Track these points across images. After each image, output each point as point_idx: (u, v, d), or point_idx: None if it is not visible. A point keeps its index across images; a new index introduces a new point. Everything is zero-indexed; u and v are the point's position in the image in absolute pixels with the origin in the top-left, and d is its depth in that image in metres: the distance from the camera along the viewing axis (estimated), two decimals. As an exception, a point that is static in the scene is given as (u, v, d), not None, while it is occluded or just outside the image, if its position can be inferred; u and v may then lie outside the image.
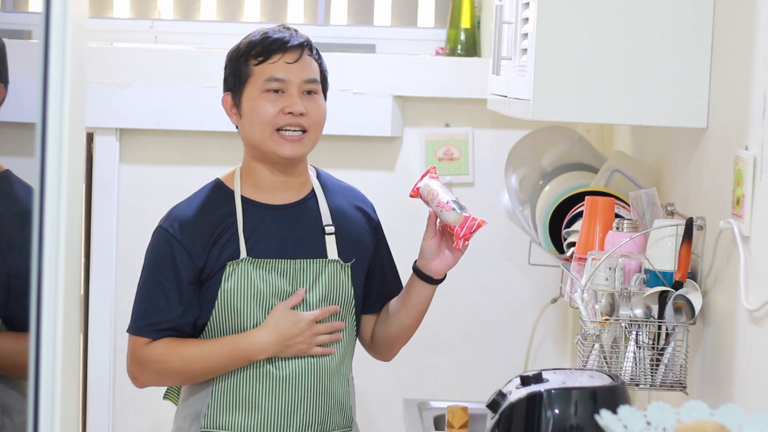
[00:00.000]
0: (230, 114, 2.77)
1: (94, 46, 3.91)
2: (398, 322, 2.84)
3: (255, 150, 2.74)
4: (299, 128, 2.70)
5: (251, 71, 2.72)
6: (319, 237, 2.77)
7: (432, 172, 2.76)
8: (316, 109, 2.73)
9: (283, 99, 2.71)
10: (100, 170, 3.96)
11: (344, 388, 2.80)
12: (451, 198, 2.72)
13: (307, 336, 2.69)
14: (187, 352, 2.70)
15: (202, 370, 2.71)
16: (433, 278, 2.78)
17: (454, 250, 2.75)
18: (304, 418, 2.73)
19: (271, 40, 2.72)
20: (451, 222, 2.70)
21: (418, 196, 2.75)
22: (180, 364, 2.71)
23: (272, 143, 2.70)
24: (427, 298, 2.80)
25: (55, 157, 1.78)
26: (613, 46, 2.69)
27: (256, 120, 2.71)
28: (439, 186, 2.74)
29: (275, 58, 2.71)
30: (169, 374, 2.74)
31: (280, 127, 2.70)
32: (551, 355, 4.02)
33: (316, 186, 2.82)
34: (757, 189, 2.33)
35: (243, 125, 2.75)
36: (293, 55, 2.72)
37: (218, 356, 2.70)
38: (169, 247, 2.71)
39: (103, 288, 3.97)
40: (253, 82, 2.72)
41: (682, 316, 2.58)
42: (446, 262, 2.77)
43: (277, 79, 2.70)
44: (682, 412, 2.03)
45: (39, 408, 1.78)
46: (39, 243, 1.77)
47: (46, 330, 1.78)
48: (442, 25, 4.12)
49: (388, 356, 2.93)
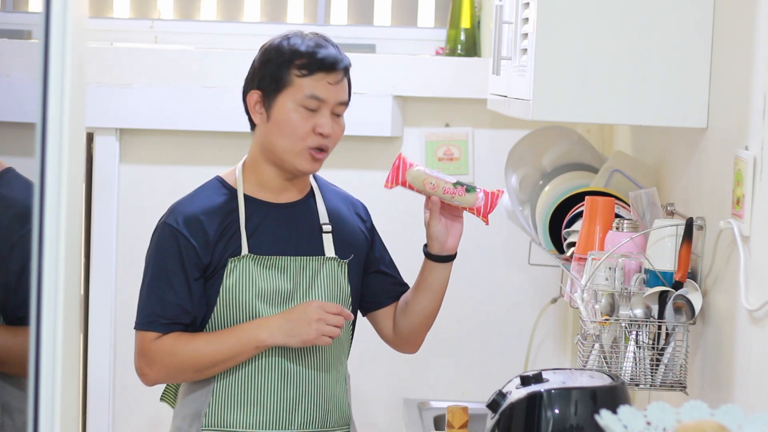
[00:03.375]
0: (253, 112, 2.75)
1: (94, 46, 3.91)
2: (421, 310, 2.85)
3: (272, 155, 2.74)
4: (322, 148, 2.72)
5: (292, 81, 2.70)
6: (317, 235, 2.79)
7: (406, 159, 2.73)
8: (339, 131, 2.76)
9: (316, 117, 2.70)
10: (100, 170, 3.96)
11: (342, 385, 2.82)
12: (451, 180, 2.72)
13: (315, 323, 2.66)
14: (196, 343, 2.69)
15: (212, 360, 2.69)
16: (452, 255, 2.80)
17: (457, 220, 2.77)
18: (306, 416, 2.74)
19: (320, 57, 2.70)
20: (469, 204, 2.71)
21: (403, 186, 2.73)
22: (190, 355, 2.69)
23: (296, 158, 2.71)
24: (448, 277, 2.83)
25: (55, 157, 1.78)
26: (613, 46, 2.69)
27: (287, 132, 2.70)
28: (431, 171, 2.73)
29: (319, 76, 2.70)
30: (180, 368, 2.71)
31: (312, 147, 2.71)
32: (551, 355, 4.02)
33: (314, 186, 2.85)
34: (757, 189, 2.33)
35: (268, 129, 2.73)
36: (336, 76, 2.71)
37: (226, 343, 2.68)
38: (175, 241, 2.71)
39: (103, 288, 3.97)
40: (292, 93, 2.70)
41: (682, 316, 2.58)
42: (457, 234, 2.79)
43: (317, 98, 2.69)
44: (682, 412, 2.03)
45: (39, 407, 1.78)
46: (39, 243, 1.77)
47: (46, 329, 1.78)
48: (442, 25, 4.12)
49: (414, 347, 2.94)
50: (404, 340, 2.92)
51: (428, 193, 2.72)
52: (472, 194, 2.71)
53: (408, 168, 2.72)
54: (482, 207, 2.70)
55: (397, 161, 2.73)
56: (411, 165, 2.73)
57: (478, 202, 2.70)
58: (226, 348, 2.69)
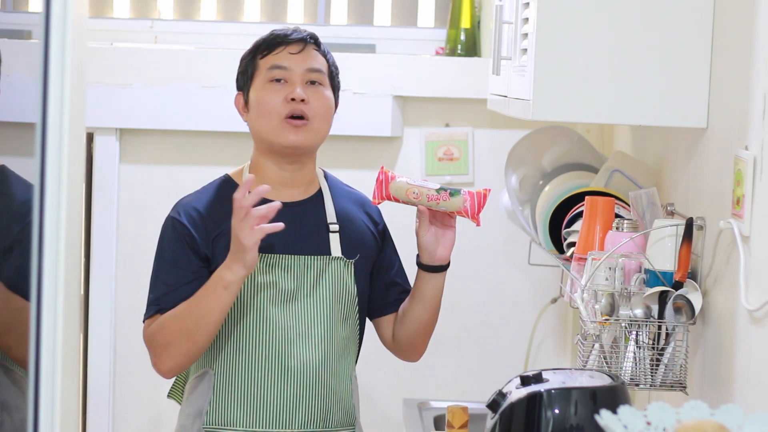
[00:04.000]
0: (242, 113, 2.82)
1: (94, 46, 3.91)
2: (416, 319, 2.84)
3: (263, 143, 2.77)
4: (300, 115, 2.73)
5: (257, 65, 2.79)
6: (323, 235, 2.79)
7: (388, 172, 2.72)
8: (320, 99, 2.77)
9: (286, 87, 2.75)
10: (100, 170, 3.96)
11: (347, 386, 2.80)
12: (434, 186, 2.70)
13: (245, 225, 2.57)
14: (176, 309, 2.68)
15: (194, 318, 2.65)
16: (444, 265, 2.79)
17: (448, 228, 2.75)
18: (306, 415, 2.74)
19: (275, 35, 2.80)
20: (456, 208, 2.69)
21: (389, 200, 2.71)
22: (175, 322, 2.67)
23: (278, 133, 2.73)
24: (441, 287, 2.82)
25: (55, 157, 1.78)
26: (613, 46, 2.69)
27: (262, 110, 2.75)
28: (413, 181, 2.71)
29: (279, 50, 2.78)
30: (172, 340, 2.67)
31: (287, 115, 2.73)
32: (551, 355, 4.02)
33: (323, 186, 2.85)
34: (757, 189, 2.33)
35: (251, 119, 2.79)
36: (296, 46, 2.78)
37: (200, 295, 2.65)
38: (180, 232, 2.73)
39: (103, 288, 3.97)
40: (259, 75, 2.78)
41: (682, 316, 2.58)
42: (448, 244, 2.77)
43: (279, 66, 2.76)
44: (682, 412, 2.03)
45: (39, 407, 1.78)
46: (39, 243, 1.77)
47: (46, 330, 1.78)
48: (442, 25, 4.12)
49: (414, 355, 2.93)
50: (403, 347, 2.91)
51: (414, 203, 2.70)
52: (457, 197, 2.69)
53: (390, 181, 2.70)
54: (469, 208, 2.68)
55: (380, 176, 2.71)
56: (393, 177, 2.71)
57: (464, 204, 2.68)
58: (199, 297, 2.65)
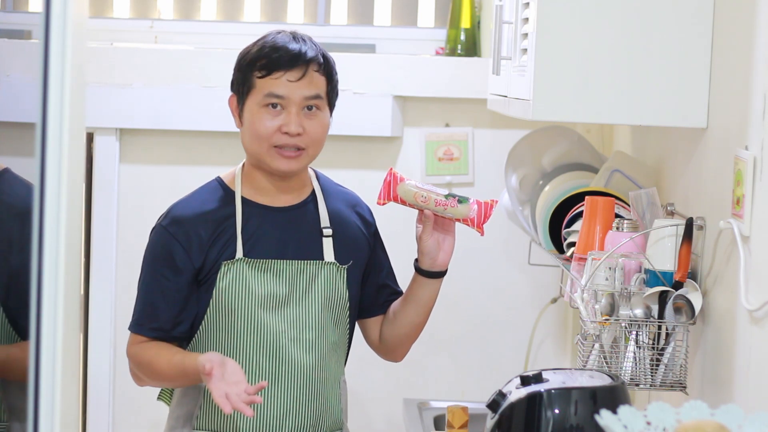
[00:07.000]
0: (234, 116, 2.77)
1: (94, 46, 3.91)
2: (409, 322, 2.84)
3: (253, 158, 2.75)
4: (295, 147, 2.69)
5: (254, 83, 2.70)
6: (316, 239, 2.77)
7: (396, 173, 2.72)
8: (315, 128, 2.70)
9: (282, 116, 2.68)
10: (100, 170, 3.96)
11: (335, 390, 2.79)
12: (443, 192, 2.70)
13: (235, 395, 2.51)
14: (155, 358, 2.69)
15: (170, 380, 2.71)
16: (443, 271, 2.78)
17: (449, 234, 2.75)
18: (296, 420, 2.72)
19: (277, 55, 2.69)
20: (463, 215, 2.68)
21: (395, 201, 2.71)
22: (149, 369, 2.71)
23: (269, 158, 2.69)
24: (436, 292, 2.81)
25: (55, 157, 1.78)
26: (613, 46, 2.69)
27: (254, 134, 2.70)
28: (422, 185, 2.71)
29: (277, 75, 2.68)
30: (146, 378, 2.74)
31: (278, 145, 2.69)
32: (551, 355, 4.02)
33: (316, 188, 2.82)
34: (757, 189, 2.33)
35: (244, 135, 2.74)
36: (296, 73, 2.68)
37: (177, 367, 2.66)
38: (168, 245, 2.71)
39: (103, 288, 3.97)
40: (255, 95, 2.70)
41: (682, 316, 2.58)
42: (449, 250, 2.76)
43: (276, 95, 2.68)
44: (682, 412, 2.03)
45: (39, 408, 1.78)
46: (39, 243, 1.77)
47: (46, 330, 1.78)
48: (442, 25, 4.12)
49: (399, 356, 2.93)
50: (389, 348, 2.90)
51: (420, 207, 2.70)
52: (464, 205, 2.69)
53: (399, 183, 2.70)
54: (476, 217, 2.68)
55: (389, 176, 2.71)
56: (402, 179, 2.71)
57: (471, 213, 2.68)
58: (176, 368, 2.66)
